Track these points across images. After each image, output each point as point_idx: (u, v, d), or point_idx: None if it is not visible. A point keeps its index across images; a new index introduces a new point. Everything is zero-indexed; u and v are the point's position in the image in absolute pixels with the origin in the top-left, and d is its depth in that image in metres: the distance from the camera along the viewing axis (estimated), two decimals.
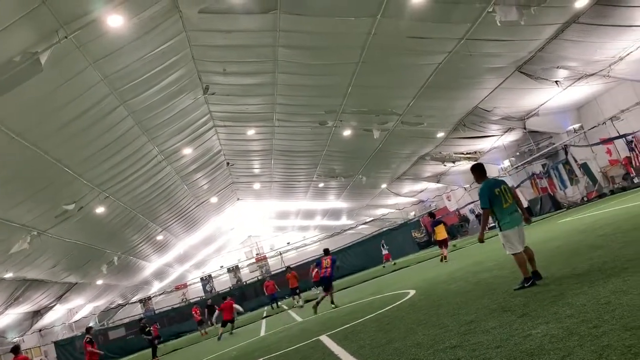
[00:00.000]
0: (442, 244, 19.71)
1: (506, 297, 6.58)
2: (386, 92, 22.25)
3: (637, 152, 23.99)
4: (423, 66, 19.63)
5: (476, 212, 39.44)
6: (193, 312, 29.58)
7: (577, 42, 18.13)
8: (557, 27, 17.21)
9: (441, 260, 19.15)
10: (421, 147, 30.83)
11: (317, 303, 14.98)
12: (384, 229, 47.46)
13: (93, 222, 24.12)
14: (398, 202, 47.70)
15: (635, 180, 24.35)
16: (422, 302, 9.02)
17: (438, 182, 38.85)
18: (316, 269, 19.62)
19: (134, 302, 48.47)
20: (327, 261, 15.22)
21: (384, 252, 35.11)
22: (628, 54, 19.05)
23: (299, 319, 15.83)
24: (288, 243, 57.87)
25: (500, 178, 8.47)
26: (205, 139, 26.01)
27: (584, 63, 19.96)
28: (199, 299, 44.33)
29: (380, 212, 52.64)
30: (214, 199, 37.79)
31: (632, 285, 4.87)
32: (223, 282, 50.69)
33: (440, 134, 28.09)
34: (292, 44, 17.29)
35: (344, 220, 55.83)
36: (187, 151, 25.56)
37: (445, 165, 34.22)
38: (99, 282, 34.66)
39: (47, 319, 34.11)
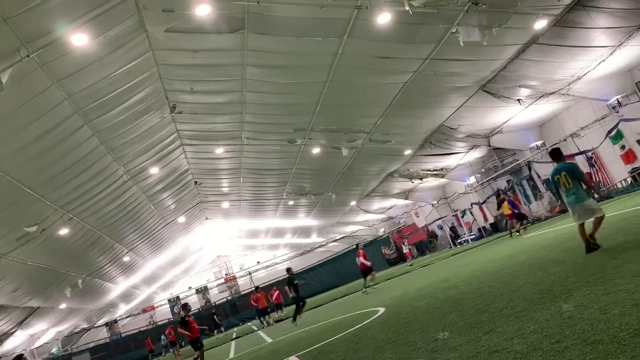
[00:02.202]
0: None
1: (473, 314, 6.66)
2: (354, 110, 22.50)
3: (597, 167, 24.78)
4: (389, 85, 19.95)
5: (444, 228, 39.93)
6: (166, 333, 28.94)
7: (537, 61, 18.75)
8: (518, 48, 17.77)
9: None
10: (389, 165, 31.19)
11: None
12: (354, 246, 47.53)
13: (56, 244, 23.44)
14: (368, 219, 47.94)
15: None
16: (391, 320, 9.04)
17: (406, 198, 39.24)
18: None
19: (100, 326, 47.09)
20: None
21: (405, 250, 36.26)
22: (585, 74, 19.78)
23: (268, 339, 15.65)
24: (258, 262, 57.36)
25: (568, 163, 9.69)
26: (172, 158, 25.72)
27: (545, 82, 20.62)
28: (167, 320, 43.39)
29: (350, 229, 52.77)
30: (181, 219, 37.26)
31: (592, 300, 5.00)
32: (191, 304, 49.75)
33: (408, 152, 28.50)
34: (260, 63, 17.37)
35: (314, 238, 55.73)
36: (154, 170, 25.20)
37: (413, 182, 34.65)
38: (63, 305, 33.57)
39: (7, 345, 32.78)
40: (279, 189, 35.16)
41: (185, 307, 13.23)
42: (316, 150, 26.77)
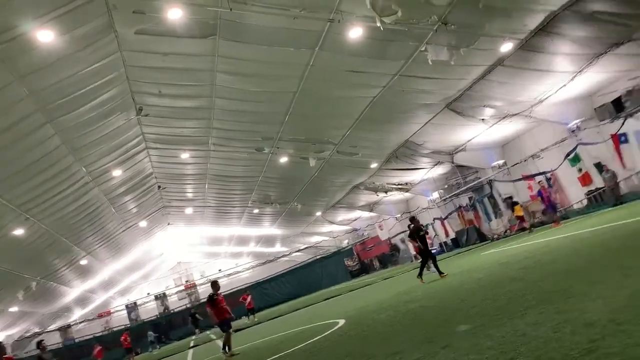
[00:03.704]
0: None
1: (431, 328, 6.76)
2: (323, 122, 22.66)
3: (555, 188, 25.53)
4: (359, 99, 20.18)
5: (406, 241, 40.36)
6: (122, 339, 28.16)
7: (502, 83, 19.29)
8: (484, 69, 18.25)
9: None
10: (356, 177, 31.45)
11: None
12: (318, 257, 47.62)
13: (11, 245, 22.65)
14: (332, 230, 48.09)
15: (548, 216, 25.82)
16: (351, 332, 9.08)
17: (371, 211, 39.59)
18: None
19: (52, 330, 45.53)
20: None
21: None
22: (547, 97, 20.44)
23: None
24: (220, 270, 56.68)
25: None
26: (136, 161, 25.28)
27: (508, 103, 21.21)
28: (124, 327, 42.33)
29: (314, 239, 52.80)
30: (143, 223, 36.57)
31: (547, 318, 5.14)
32: (149, 310, 48.75)
33: (374, 165, 28.81)
34: (230, 70, 17.33)
35: (278, 247, 55.50)
36: (117, 173, 24.71)
37: (378, 195, 35.01)
38: (13, 309, 32.35)
39: None
40: (244, 196, 34.95)
41: (215, 284, 12.55)
42: (284, 160, 26.79)
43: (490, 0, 13.97)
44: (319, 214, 40.83)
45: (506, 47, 16.69)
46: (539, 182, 24.32)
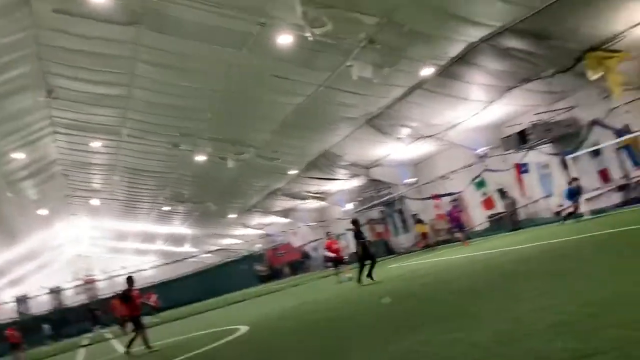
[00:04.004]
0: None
1: (331, 340, 6.86)
2: (245, 123, 22.47)
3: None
4: (283, 104, 20.23)
5: (322, 250, 40.75)
6: (7, 334, 25.92)
7: (420, 105, 20.09)
8: (405, 90, 18.93)
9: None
10: (274, 182, 31.44)
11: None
12: (228, 260, 46.90)
13: None
14: (245, 233, 47.63)
15: (457, 235, 27.17)
16: (251, 340, 9.03)
17: (286, 217, 39.69)
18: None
19: None
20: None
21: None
22: (460, 123, 21.55)
23: (121, 350, 14.79)
24: (123, 267, 54.16)
25: None
26: (41, 145, 23.74)
27: (424, 125, 22.12)
28: (11, 320, 39.29)
29: (226, 241, 52.00)
30: (43, 211, 34.28)
31: (439, 336, 5.38)
32: (42, 304, 45.63)
33: (293, 172, 28.96)
34: (153, 61, 16.79)
35: (187, 248, 54.08)
36: (19, 155, 23.04)
37: (294, 202, 35.20)
38: None
39: None
40: (156, 192, 33.83)
41: (130, 279, 12.06)
42: (201, 158, 26.20)
43: (415, 26, 14.55)
44: (233, 216, 40.32)
45: (427, 71, 17.41)
46: (451, 201, 25.43)
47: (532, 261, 9.89)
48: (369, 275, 14.33)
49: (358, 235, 14.94)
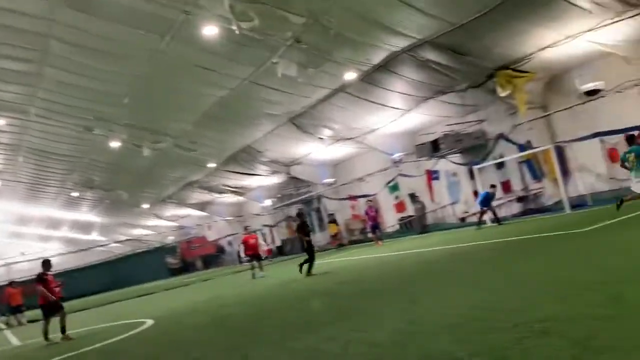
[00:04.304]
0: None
1: (236, 336, 6.92)
2: (164, 112, 21.87)
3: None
4: (205, 96, 19.88)
5: (238, 245, 40.45)
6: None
7: (342, 108, 20.51)
8: (328, 92, 19.24)
9: None
10: (191, 174, 30.78)
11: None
12: (138, 251, 45.37)
13: None
14: (158, 224, 46.23)
15: (370, 235, 28.03)
16: (157, 334, 8.88)
17: (202, 210, 38.99)
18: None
19: None
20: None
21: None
22: (378, 128, 22.24)
23: (15, 342, 13.98)
24: (23, 253, 50.70)
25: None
26: None
27: (345, 127, 22.61)
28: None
29: (137, 232, 50.18)
30: None
31: (341, 335, 5.58)
32: None
33: (212, 164, 28.52)
34: (70, 40, 15.94)
35: (95, 236, 51.63)
36: None
37: (211, 195, 34.65)
38: None
39: None
40: (64, 176, 32.07)
41: (47, 263, 11.43)
42: (115, 144, 25.11)
43: (341, 30, 14.82)
44: (146, 206, 39.02)
45: (350, 75, 17.80)
46: (368, 200, 25.90)
47: (435, 264, 10.47)
48: (302, 267, 14.03)
49: (302, 227, 14.62)
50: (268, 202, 33.30)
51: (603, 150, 18.01)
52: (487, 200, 18.54)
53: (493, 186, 19.05)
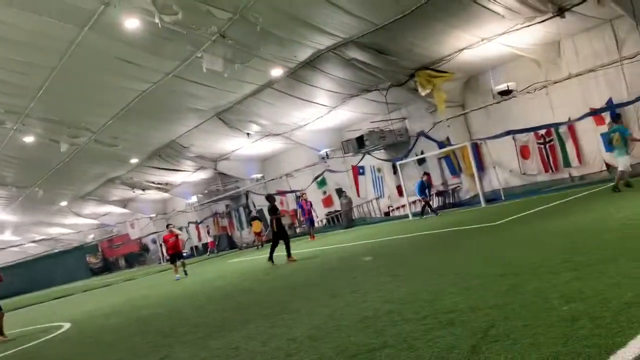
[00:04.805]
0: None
1: (157, 337, 6.83)
2: (83, 106, 20.87)
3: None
4: (127, 90, 19.19)
5: (158, 243, 39.47)
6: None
7: (269, 104, 20.53)
8: (255, 87, 19.19)
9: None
10: (112, 170, 29.63)
11: None
12: (56, 250, 43.15)
13: None
14: (77, 222, 44.10)
15: (298, 230, 28.28)
16: (74, 338, 8.57)
17: (125, 207, 37.66)
18: None
19: None
20: None
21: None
22: (306, 124, 22.45)
23: None
24: None
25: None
26: None
27: (273, 123, 22.64)
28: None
29: (55, 231, 47.62)
30: None
31: (261, 332, 5.67)
32: None
33: (135, 160, 27.62)
34: None
35: (9, 236, 48.47)
36: None
37: (134, 192, 33.56)
38: None
39: None
40: None
41: None
42: (29, 139, 23.69)
43: (267, 27, 14.84)
44: (64, 203, 37.13)
45: (277, 72, 17.87)
46: (303, 194, 25.86)
47: (356, 258, 10.78)
48: (272, 257, 13.66)
49: (272, 211, 13.97)
50: (194, 199, 32.71)
51: (515, 147, 19.20)
52: (423, 188, 19.13)
53: (426, 174, 19.80)
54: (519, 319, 3.96)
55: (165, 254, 21.78)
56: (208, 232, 33.90)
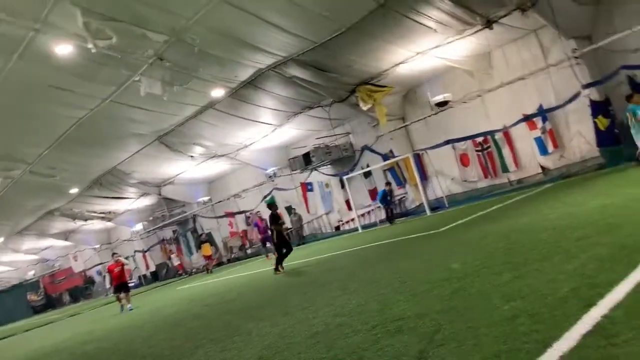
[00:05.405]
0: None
1: None
2: (16, 137, 19.98)
3: (252, 226, 27.73)
4: (62, 118, 18.56)
5: (102, 274, 38.02)
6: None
7: (212, 125, 20.35)
8: (196, 109, 18.99)
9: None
10: (51, 201, 28.41)
11: None
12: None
13: None
14: (15, 259, 41.91)
15: (249, 251, 27.98)
16: None
17: (66, 239, 36.13)
18: None
19: None
20: None
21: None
22: (251, 144, 22.37)
23: None
24: None
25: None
26: None
27: (217, 144, 22.43)
28: None
29: None
30: None
31: (212, 357, 5.55)
32: None
33: (74, 190, 26.63)
34: None
35: None
36: None
37: (76, 223, 32.28)
38: None
39: None
40: None
41: None
42: None
43: (205, 47, 14.77)
44: (0, 240, 35.25)
45: (218, 92, 17.77)
46: (257, 212, 25.37)
47: (306, 275, 10.76)
48: (279, 265, 13.12)
49: (274, 220, 13.44)
50: (139, 226, 31.79)
51: (455, 156, 19.81)
52: (386, 198, 19.37)
53: (388, 183, 20.08)
54: (464, 321, 4.06)
55: (109, 284, 20.89)
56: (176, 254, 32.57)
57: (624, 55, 15.02)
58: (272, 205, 14.05)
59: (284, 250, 13.37)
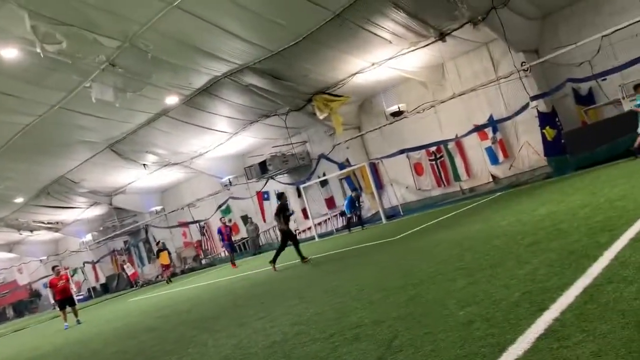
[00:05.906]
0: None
1: None
2: None
3: (207, 236, 27.32)
4: (7, 124, 17.84)
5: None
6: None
7: (166, 133, 19.99)
8: (149, 116, 18.61)
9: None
10: None
11: None
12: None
13: None
14: None
15: (204, 262, 27.51)
16: None
17: (10, 251, 34.56)
18: None
19: None
20: None
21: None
22: (206, 152, 22.08)
23: None
24: None
25: None
26: None
27: (171, 152, 22.03)
28: None
29: None
30: None
31: None
32: None
33: (20, 199, 25.55)
34: None
35: None
36: None
37: (21, 234, 30.95)
38: None
39: None
40: None
41: None
42: None
43: (159, 54, 14.51)
44: None
45: (172, 99, 17.49)
46: (221, 218, 24.68)
47: (264, 285, 10.65)
48: (301, 256, 12.60)
49: (283, 210, 12.64)
50: (89, 237, 30.75)
51: (410, 165, 20.16)
52: (352, 204, 19.31)
53: (355, 190, 20.08)
54: (420, 328, 4.10)
55: (52, 300, 19.85)
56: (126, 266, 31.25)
57: (569, 68, 15.72)
58: (282, 195, 13.58)
59: (288, 243, 12.70)
